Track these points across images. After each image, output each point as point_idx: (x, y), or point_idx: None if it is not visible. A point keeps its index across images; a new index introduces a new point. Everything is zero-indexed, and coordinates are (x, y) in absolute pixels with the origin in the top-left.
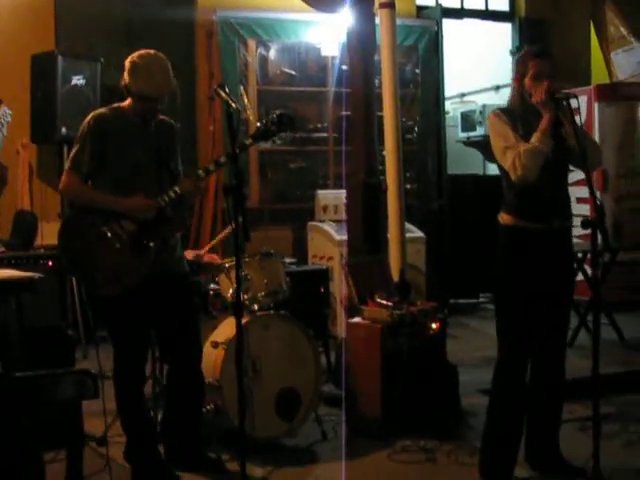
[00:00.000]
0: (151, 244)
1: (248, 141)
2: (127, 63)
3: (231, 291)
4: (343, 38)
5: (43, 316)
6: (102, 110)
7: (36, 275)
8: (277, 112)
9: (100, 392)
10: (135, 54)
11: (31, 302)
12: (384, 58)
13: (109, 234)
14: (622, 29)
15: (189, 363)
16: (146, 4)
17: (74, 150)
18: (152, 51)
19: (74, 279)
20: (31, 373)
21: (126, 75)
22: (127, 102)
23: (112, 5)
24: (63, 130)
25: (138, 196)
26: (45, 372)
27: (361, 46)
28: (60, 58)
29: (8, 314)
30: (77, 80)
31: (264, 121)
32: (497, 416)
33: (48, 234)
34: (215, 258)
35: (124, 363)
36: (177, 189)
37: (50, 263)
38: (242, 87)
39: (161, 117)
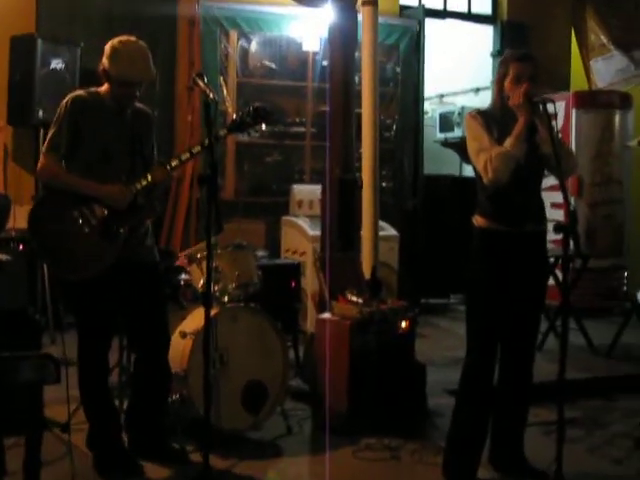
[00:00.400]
0: (120, 230)
1: (223, 132)
2: (107, 48)
3: (202, 282)
4: (325, 33)
5: (11, 300)
6: (80, 92)
7: (3, 257)
8: (254, 105)
9: (65, 378)
10: (115, 39)
11: None
12: (365, 55)
13: (79, 218)
14: (602, 37)
15: (156, 353)
16: None
17: (51, 132)
18: (132, 37)
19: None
20: None
21: (105, 60)
22: (104, 87)
23: None
24: (40, 113)
25: (116, 184)
26: (5, 355)
27: (342, 42)
28: (40, 41)
29: None
30: (56, 64)
31: (240, 113)
32: (463, 417)
33: (21, 217)
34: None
35: (88, 350)
36: (149, 177)
37: (21, 246)
38: (222, 78)
39: (137, 105)
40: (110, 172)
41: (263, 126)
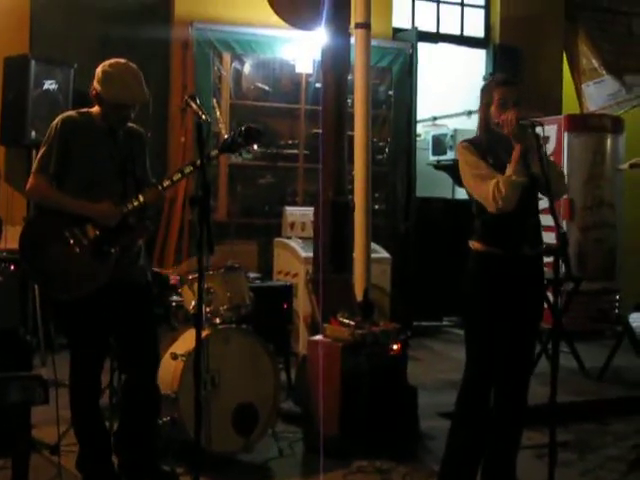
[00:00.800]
0: (112, 250)
1: (214, 152)
2: (98, 72)
3: (193, 303)
4: (318, 56)
5: (1, 320)
6: (71, 113)
7: None
8: (246, 125)
9: (55, 400)
10: (106, 63)
11: None
12: (357, 78)
13: (70, 238)
14: (594, 61)
15: (145, 374)
16: (123, 14)
17: (41, 152)
18: (123, 60)
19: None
20: None
21: (97, 84)
22: (96, 108)
23: (88, 12)
24: (33, 134)
25: (105, 202)
26: None
27: (335, 65)
28: (33, 62)
29: None
30: (49, 85)
31: (232, 133)
32: (458, 439)
33: (12, 238)
34: None
35: (80, 371)
36: (141, 198)
37: (12, 267)
38: (215, 100)
39: (130, 125)
40: (101, 193)
41: (255, 147)
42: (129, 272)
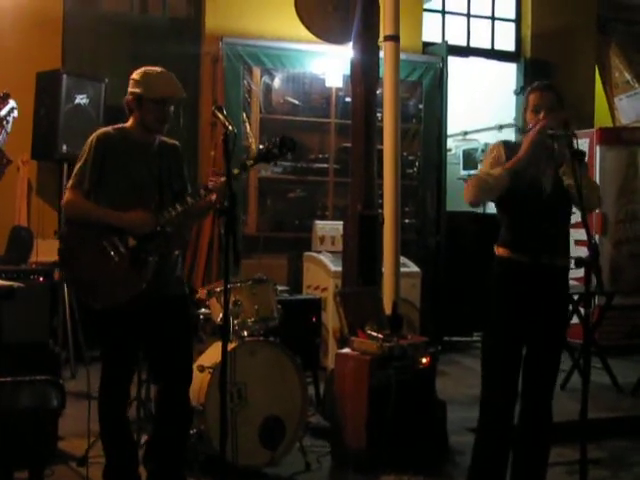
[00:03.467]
0: (150, 258)
1: (249, 162)
2: (134, 77)
3: (221, 315)
4: (348, 70)
5: (30, 332)
6: (106, 129)
7: (15, 284)
8: (280, 136)
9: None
10: (140, 69)
11: (18, 317)
12: (386, 91)
13: (108, 247)
14: (627, 74)
15: (179, 387)
16: (154, 28)
17: (77, 168)
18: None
19: (66, 295)
20: None
21: (134, 87)
22: (130, 122)
23: (119, 27)
24: (64, 148)
25: (138, 210)
26: (4, 380)
27: (364, 78)
28: (65, 77)
29: None
30: (81, 99)
31: (266, 143)
32: (481, 454)
33: (43, 251)
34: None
35: (109, 381)
36: (178, 207)
37: (41, 279)
38: (245, 115)
39: (164, 138)
40: (138, 205)
41: (289, 156)
42: (166, 282)
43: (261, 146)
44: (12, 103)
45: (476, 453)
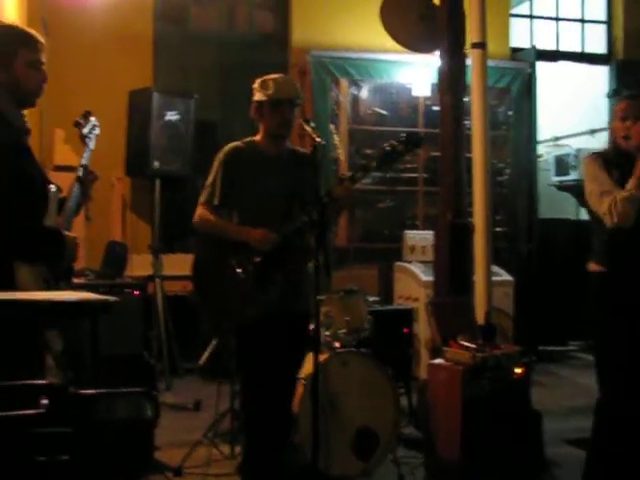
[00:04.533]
0: (276, 276)
1: (372, 164)
2: (255, 84)
3: (312, 327)
4: (435, 79)
5: (126, 345)
6: (235, 143)
7: (111, 298)
8: (404, 133)
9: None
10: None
11: (113, 330)
12: (474, 99)
13: (235, 265)
14: None
15: (284, 400)
16: (241, 43)
17: (207, 183)
18: None
19: (160, 308)
20: (88, 392)
21: (255, 96)
22: (260, 134)
23: (207, 43)
24: (156, 164)
25: (260, 229)
26: (100, 392)
27: (451, 87)
28: (156, 94)
29: (82, 336)
30: (171, 116)
31: (391, 142)
32: (595, 466)
33: (138, 265)
34: None
35: (253, 397)
36: (304, 218)
37: (136, 292)
38: (333, 126)
39: (296, 148)
40: (265, 218)
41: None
42: (292, 300)
43: (385, 144)
44: (93, 120)
45: (589, 464)
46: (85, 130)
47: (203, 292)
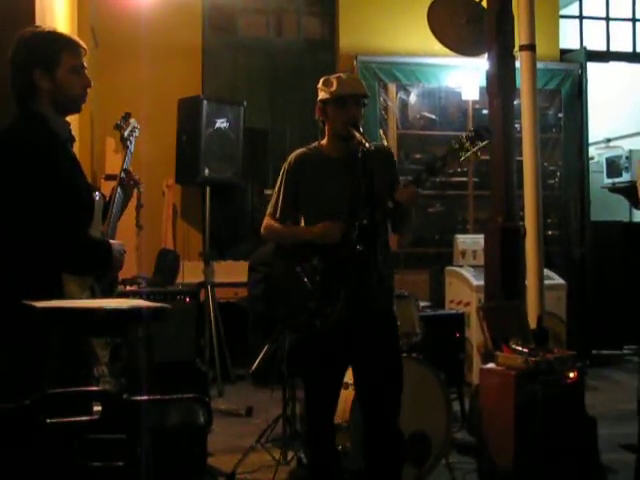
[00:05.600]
0: (342, 285)
1: (438, 164)
2: (320, 83)
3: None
4: (483, 82)
5: (178, 352)
6: (300, 150)
7: (163, 305)
8: (474, 127)
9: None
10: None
11: (166, 337)
12: (524, 102)
13: (301, 274)
14: None
15: (386, 414)
16: (288, 50)
17: (273, 194)
18: None
19: (212, 315)
20: (142, 398)
21: (319, 97)
22: (326, 137)
23: (256, 51)
24: (206, 172)
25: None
26: (151, 398)
27: (500, 89)
28: (205, 102)
29: (137, 343)
30: (221, 123)
31: (458, 137)
32: None
33: (189, 272)
34: None
35: (313, 407)
36: (365, 222)
37: (188, 299)
38: (382, 131)
39: (368, 144)
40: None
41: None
42: (368, 299)
43: (453, 141)
44: (133, 122)
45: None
46: (125, 133)
47: (276, 304)
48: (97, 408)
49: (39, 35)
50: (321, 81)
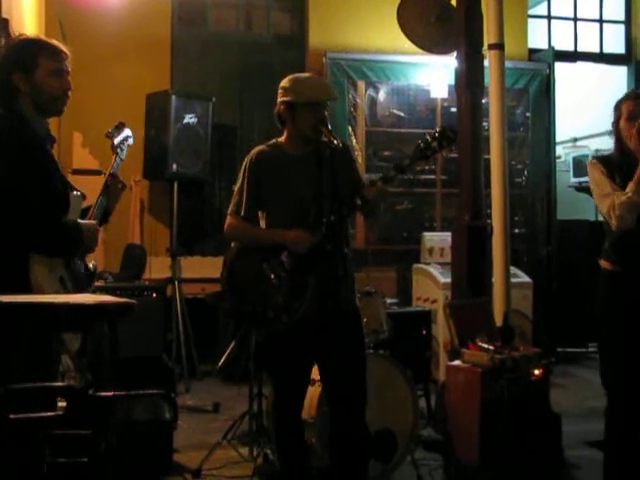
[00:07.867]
0: (309, 281)
1: (406, 161)
2: (284, 84)
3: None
4: (452, 80)
5: (144, 347)
6: (260, 147)
7: (130, 301)
8: (440, 127)
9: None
10: (288, 77)
11: (132, 333)
12: (492, 100)
13: (267, 271)
14: None
15: (353, 411)
16: (258, 46)
17: (235, 192)
18: None
19: (179, 311)
20: (107, 394)
21: (284, 96)
22: (285, 135)
23: (225, 46)
24: (174, 167)
25: (296, 229)
26: (117, 394)
27: (469, 88)
28: (174, 97)
29: (101, 339)
30: (189, 119)
31: (425, 137)
32: (612, 468)
33: (156, 268)
34: None
35: (282, 401)
36: (332, 219)
37: (154, 295)
38: (350, 128)
39: (328, 141)
40: (297, 221)
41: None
42: (330, 301)
43: (420, 141)
44: (127, 132)
45: (607, 468)
46: (116, 141)
47: (238, 302)
48: (62, 404)
49: (20, 41)
50: (288, 81)
